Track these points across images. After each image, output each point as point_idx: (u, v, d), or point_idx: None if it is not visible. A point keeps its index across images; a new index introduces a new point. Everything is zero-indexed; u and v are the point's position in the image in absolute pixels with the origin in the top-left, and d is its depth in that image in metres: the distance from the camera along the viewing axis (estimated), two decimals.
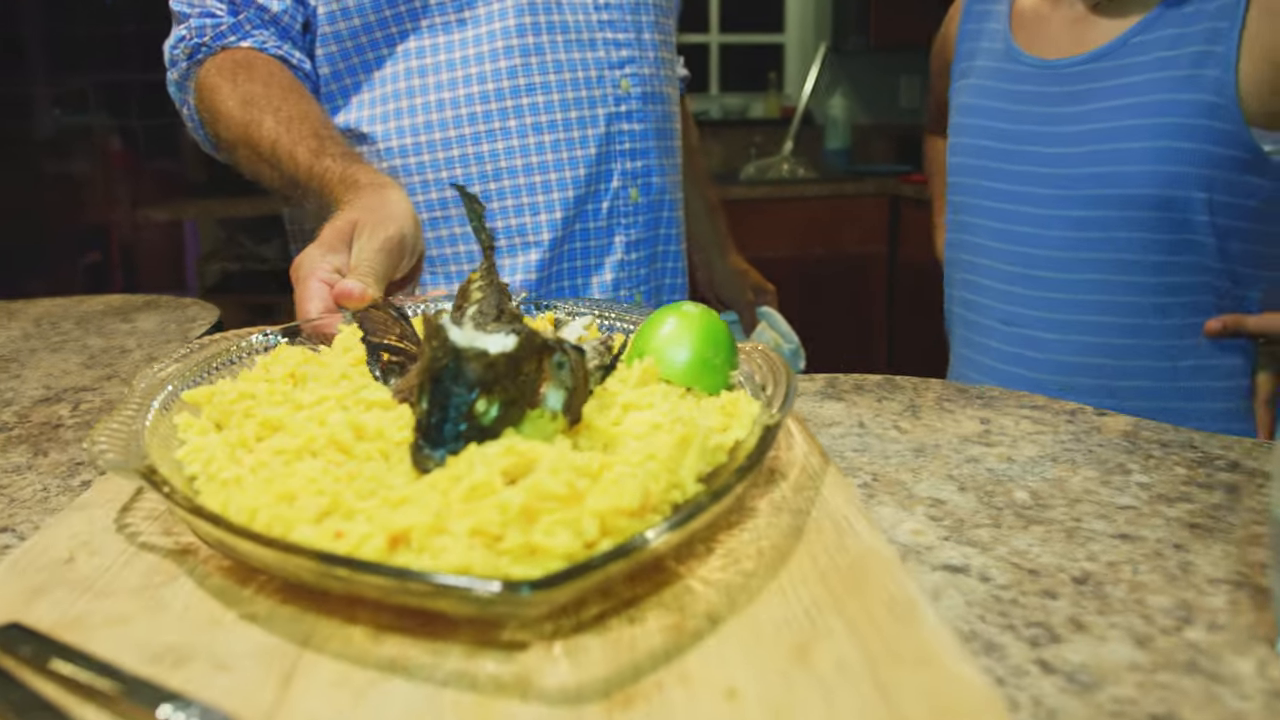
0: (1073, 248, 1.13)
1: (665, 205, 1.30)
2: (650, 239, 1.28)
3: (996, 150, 1.20)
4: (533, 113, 1.15)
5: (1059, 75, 1.14)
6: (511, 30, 1.13)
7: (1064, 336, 1.15)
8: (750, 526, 0.54)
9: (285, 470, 0.50)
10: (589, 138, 1.20)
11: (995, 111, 1.21)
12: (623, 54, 1.20)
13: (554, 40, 1.14)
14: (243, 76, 1.06)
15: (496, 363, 0.51)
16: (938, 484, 0.71)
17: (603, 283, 1.24)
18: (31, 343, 1.18)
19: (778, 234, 3.51)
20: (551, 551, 0.43)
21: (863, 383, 0.96)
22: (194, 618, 0.46)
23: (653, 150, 1.25)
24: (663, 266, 1.32)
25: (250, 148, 1.04)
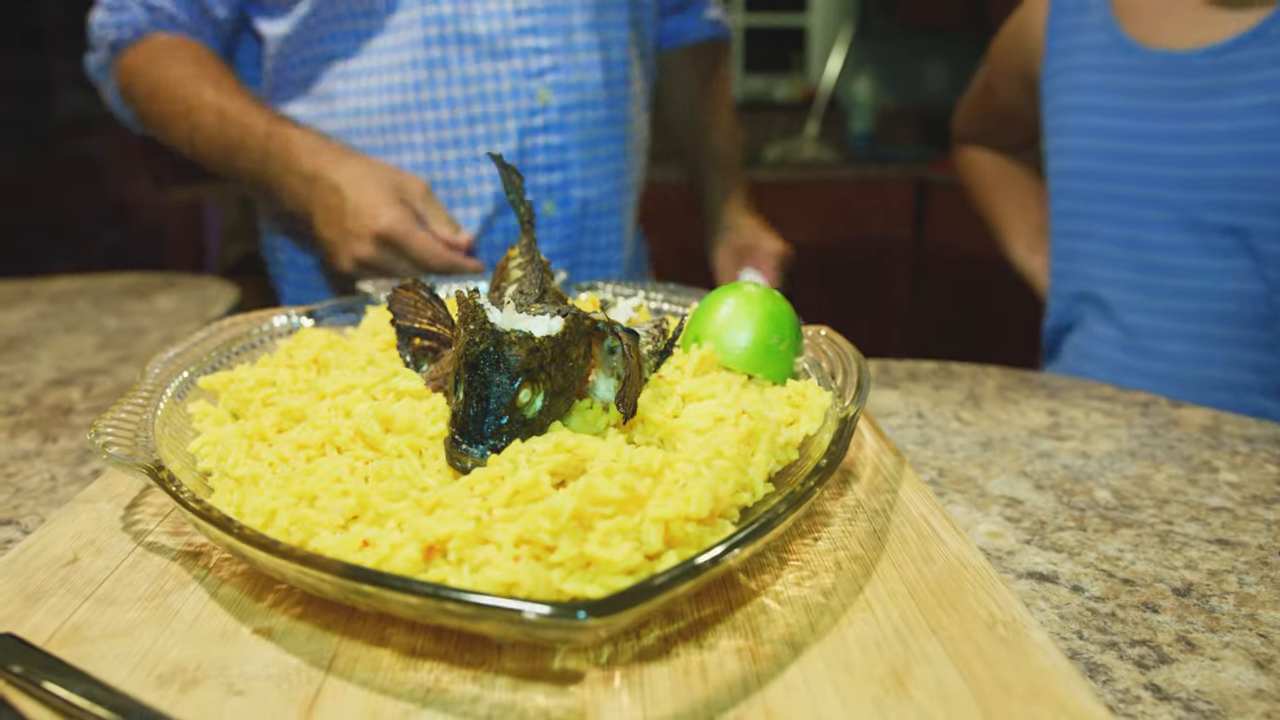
0: (1207, 255, 1.02)
1: (594, 217, 1.19)
2: (569, 252, 1.17)
3: (1118, 151, 1.09)
4: (437, 128, 1.09)
5: (1188, 68, 1.03)
6: (417, 42, 1.06)
7: (1195, 349, 1.05)
8: (825, 534, 0.49)
9: (306, 467, 0.45)
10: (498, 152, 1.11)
11: (1113, 109, 1.09)
12: (544, 61, 1.09)
13: (462, 53, 1.07)
14: (173, 58, 1.09)
15: (542, 347, 0.45)
16: (1011, 481, 0.65)
17: None
18: (47, 322, 1.13)
19: (801, 218, 3.44)
20: (610, 565, 0.37)
21: (916, 370, 0.90)
22: (204, 631, 0.41)
23: (575, 163, 1.14)
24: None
25: (189, 117, 1.06)
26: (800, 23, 4.09)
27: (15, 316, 1.15)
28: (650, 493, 0.40)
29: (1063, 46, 1.15)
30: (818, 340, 0.64)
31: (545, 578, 0.37)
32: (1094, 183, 1.11)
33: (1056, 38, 1.17)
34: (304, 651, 0.39)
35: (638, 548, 0.38)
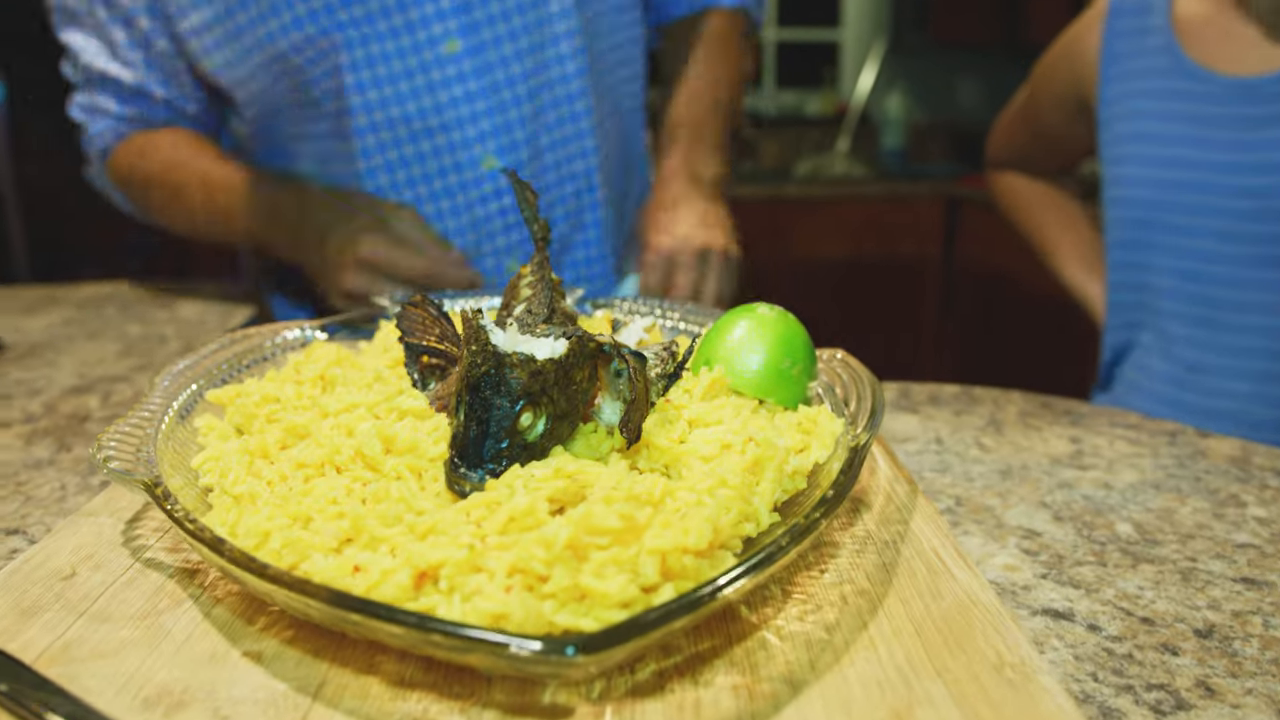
0: (1272, 291, 0.98)
1: (571, 249, 1.15)
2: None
3: (1178, 180, 1.04)
4: (400, 201, 1.06)
5: (1255, 94, 0.99)
6: (358, 130, 1.03)
7: (1257, 388, 1.00)
8: (832, 566, 0.47)
9: (303, 487, 0.45)
10: (454, 228, 1.08)
11: (1174, 137, 1.04)
12: (482, 126, 1.04)
13: (396, 134, 1.04)
14: (153, 150, 1.12)
15: (544, 370, 0.44)
16: (1029, 512, 0.64)
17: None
18: (71, 328, 1.14)
19: (830, 233, 3.42)
20: (604, 597, 0.36)
21: (938, 394, 0.88)
22: (194, 652, 0.40)
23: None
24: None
25: (180, 200, 1.09)
26: (833, 37, 4.08)
27: (40, 323, 1.16)
28: (649, 523, 0.39)
29: (1120, 72, 1.11)
30: (833, 364, 0.63)
31: (537, 610, 0.36)
32: (1153, 213, 1.07)
33: (1113, 63, 1.12)
34: (292, 677, 0.38)
35: (633, 580, 0.37)
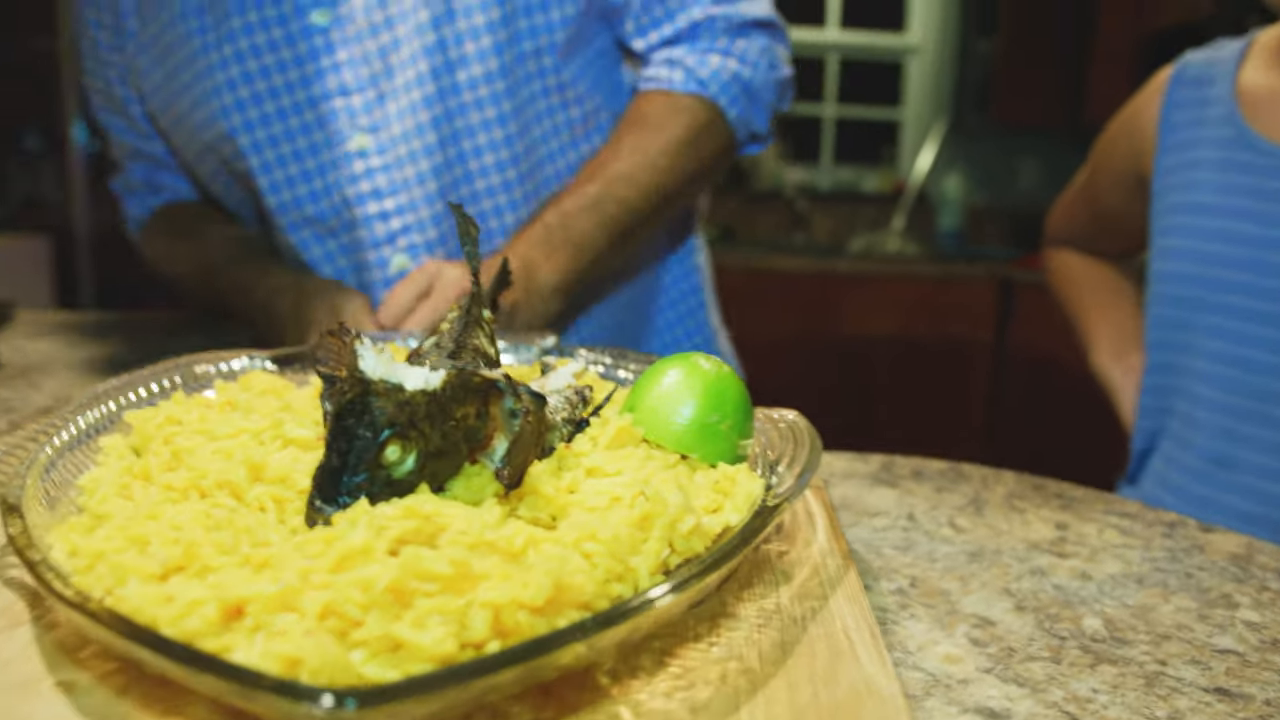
0: None
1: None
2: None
3: (1231, 256, 0.97)
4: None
5: None
6: (288, 226, 1.00)
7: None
8: (725, 640, 0.43)
9: (151, 510, 0.42)
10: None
11: (1230, 210, 0.98)
12: (392, 225, 0.97)
13: (327, 229, 1.00)
14: (177, 237, 1.13)
15: (414, 401, 0.42)
16: (990, 599, 0.58)
17: None
18: (69, 353, 1.15)
19: (880, 311, 3.37)
20: (418, 650, 0.33)
21: (923, 469, 0.83)
22: (7, 677, 0.38)
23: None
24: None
25: (195, 293, 1.13)
26: (893, 116, 4.07)
27: (44, 345, 1.17)
28: (487, 573, 0.35)
29: (1178, 141, 1.05)
30: (777, 425, 0.59)
31: (338, 657, 0.32)
32: (1200, 289, 1.00)
33: (1171, 132, 1.06)
34: (94, 712, 0.35)
35: (457, 633, 0.34)
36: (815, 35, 3.93)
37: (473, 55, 0.95)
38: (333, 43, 0.94)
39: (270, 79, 0.95)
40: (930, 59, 3.96)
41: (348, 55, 0.94)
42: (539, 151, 1.01)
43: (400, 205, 0.96)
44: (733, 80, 1.00)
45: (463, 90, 0.96)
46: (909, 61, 3.98)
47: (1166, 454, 1.05)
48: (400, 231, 0.97)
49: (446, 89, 0.95)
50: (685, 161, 0.99)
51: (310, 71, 0.95)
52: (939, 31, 3.93)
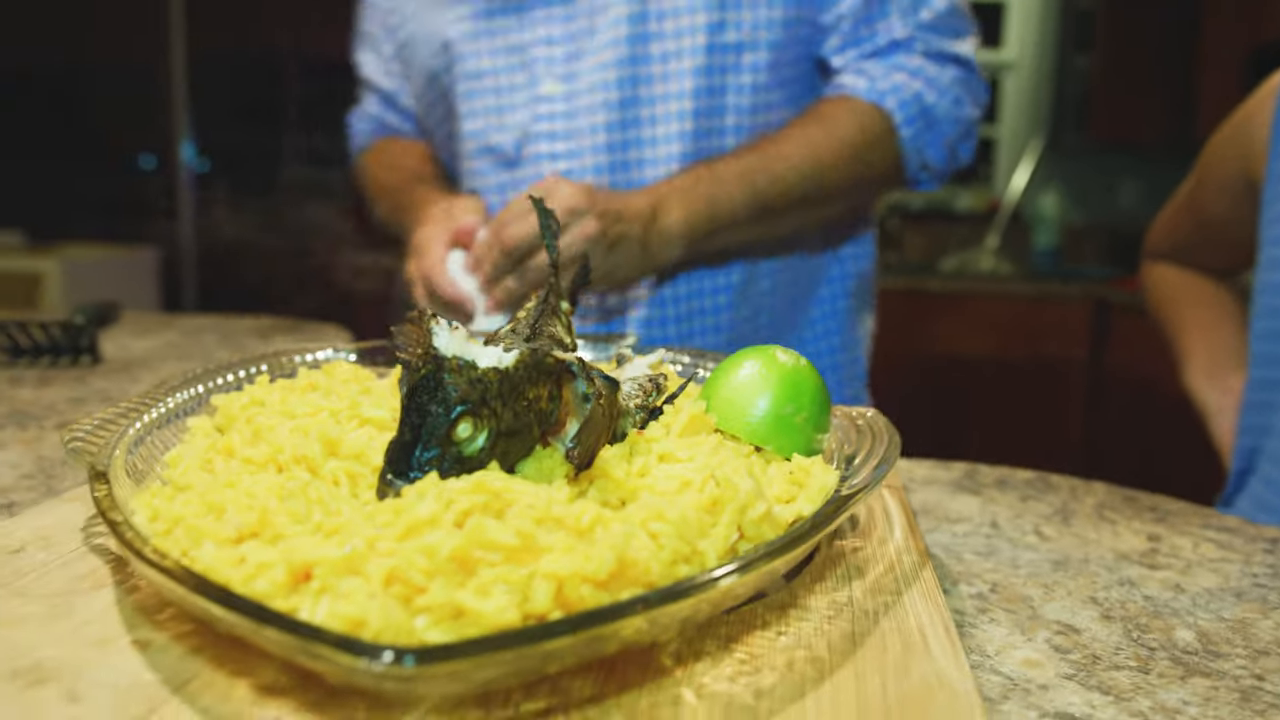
0: None
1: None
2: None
3: None
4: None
5: None
6: (471, 153, 1.11)
7: None
8: (795, 630, 0.42)
9: (229, 479, 0.43)
10: None
11: None
12: (559, 167, 1.04)
13: (501, 160, 1.09)
14: (385, 156, 1.27)
15: (486, 379, 0.42)
16: (1075, 607, 0.56)
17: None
18: (167, 350, 1.19)
19: (974, 331, 3.29)
20: (480, 617, 0.33)
21: (1009, 477, 0.80)
22: (88, 633, 0.39)
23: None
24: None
25: (379, 200, 1.25)
26: (988, 134, 3.99)
27: (146, 343, 1.22)
28: (551, 545, 0.35)
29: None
30: (855, 421, 0.58)
31: (401, 620, 0.32)
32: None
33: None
34: (165, 669, 0.36)
35: (520, 603, 0.33)
36: None
37: (670, 32, 1.00)
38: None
39: (491, 19, 1.06)
40: (1026, 75, 3.87)
41: (561, 10, 1.03)
42: (712, 142, 1.03)
43: (570, 150, 1.03)
44: (913, 100, 1.01)
45: (654, 62, 1.00)
46: (1004, 78, 3.90)
47: (1266, 475, 0.99)
48: (564, 174, 1.02)
49: (640, 57, 1.00)
50: (848, 163, 1.00)
51: (525, 19, 1.04)
52: (1035, 47, 3.84)
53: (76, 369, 1.05)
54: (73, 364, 1.07)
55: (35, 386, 0.96)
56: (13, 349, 1.07)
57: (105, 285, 3.43)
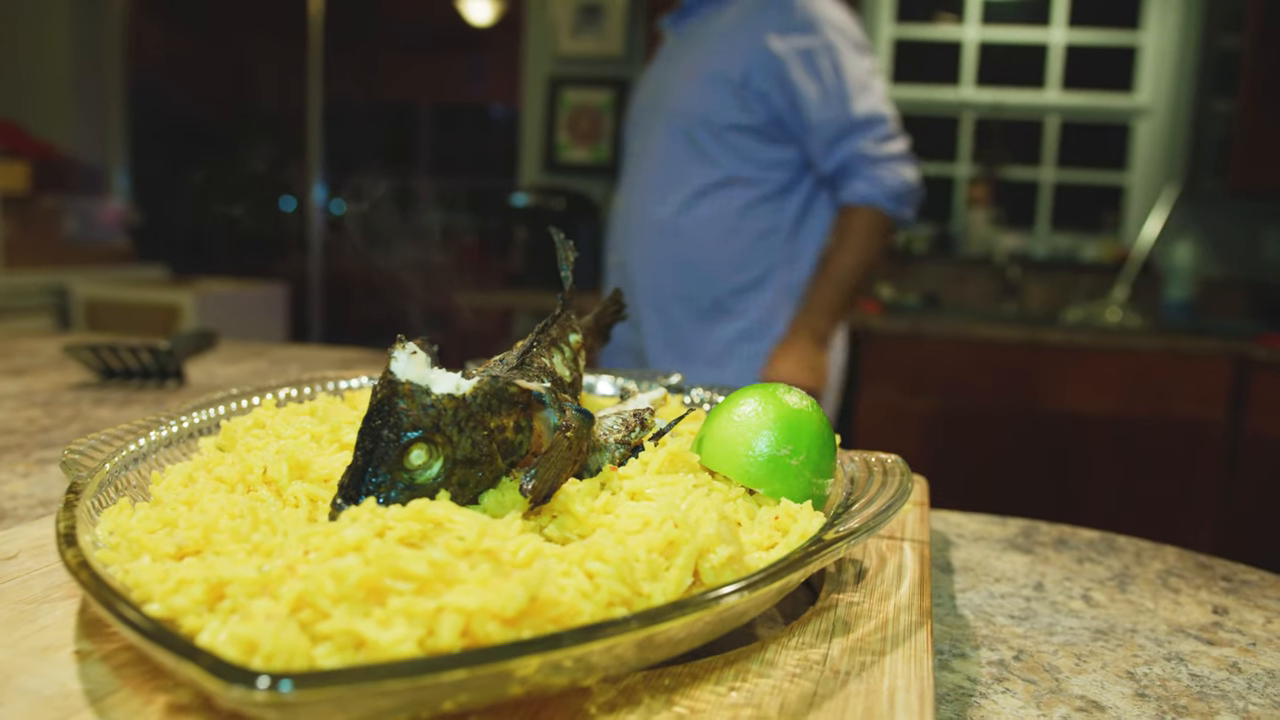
0: None
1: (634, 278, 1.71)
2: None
3: None
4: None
5: None
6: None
7: None
8: (748, 687, 0.39)
9: (195, 498, 0.43)
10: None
11: None
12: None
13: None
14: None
15: (440, 405, 0.41)
16: (1107, 681, 0.51)
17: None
18: (251, 378, 1.24)
19: (1096, 386, 3.12)
20: (378, 649, 0.31)
21: (1070, 537, 0.74)
22: (35, 640, 0.39)
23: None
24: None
25: None
26: (1118, 181, 3.82)
27: (232, 370, 1.27)
28: (468, 578, 0.34)
29: None
30: (872, 468, 0.55)
31: (296, 645, 0.31)
32: None
33: None
34: (93, 681, 0.36)
35: (424, 636, 0.32)
36: (1034, 97, 3.76)
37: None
38: (646, 100, 1.78)
39: (635, 108, 1.81)
40: (1161, 121, 3.69)
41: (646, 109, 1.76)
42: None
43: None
44: (879, 186, 1.61)
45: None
46: (1137, 123, 3.73)
47: None
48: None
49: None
50: (866, 249, 1.62)
51: (640, 106, 1.79)
52: (1171, 92, 3.67)
53: (160, 392, 1.10)
54: (158, 387, 1.12)
55: (116, 407, 1.01)
56: (105, 371, 1.12)
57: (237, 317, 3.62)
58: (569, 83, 3.79)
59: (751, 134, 1.61)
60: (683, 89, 1.64)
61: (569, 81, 3.79)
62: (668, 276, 1.67)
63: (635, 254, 1.71)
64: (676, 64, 1.69)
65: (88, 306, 3.39)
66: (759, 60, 1.57)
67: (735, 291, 1.66)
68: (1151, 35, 3.65)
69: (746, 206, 1.64)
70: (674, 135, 1.65)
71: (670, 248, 1.66)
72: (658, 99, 1.71)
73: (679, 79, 1.66)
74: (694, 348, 1.69)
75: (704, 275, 1.65)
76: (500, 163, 4.23)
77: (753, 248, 1.64)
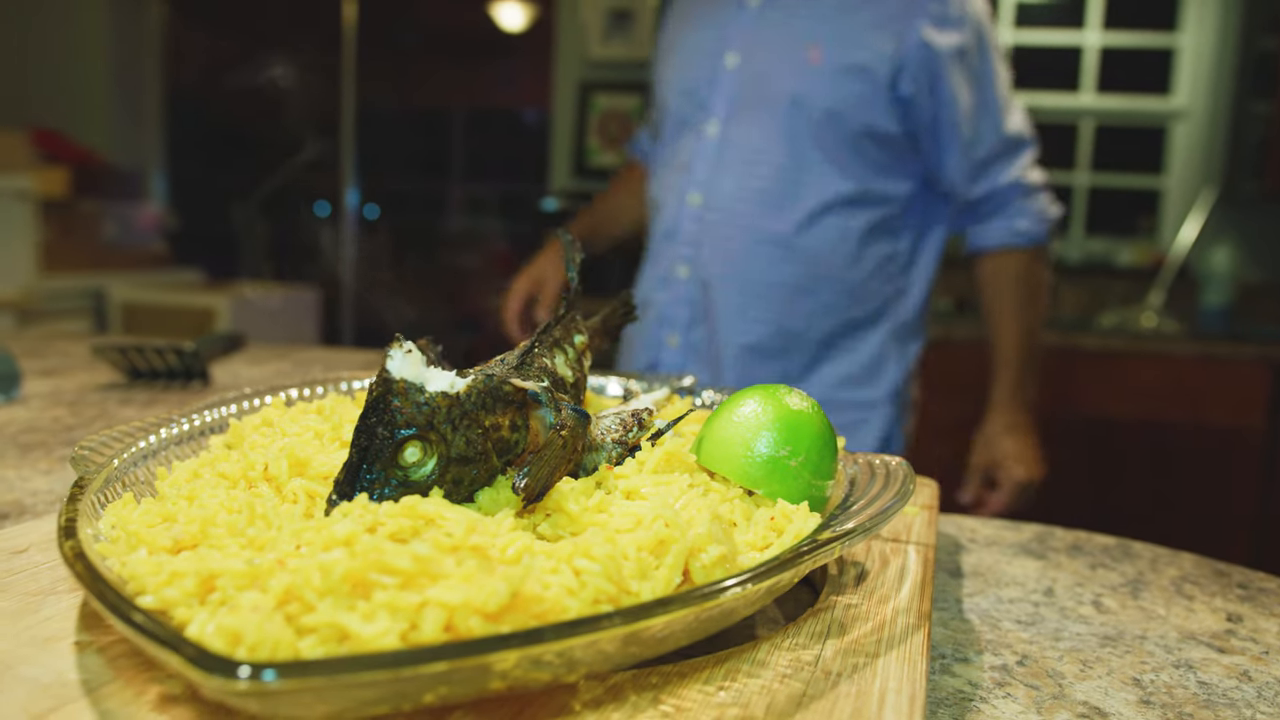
0: None
1: (724, 305, 1.39)
2: (690, 323, 1.41)
3: None
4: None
5: None
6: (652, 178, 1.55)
7: None
8: (737, 686, 0.39)
9: (196, 493, 0.44)
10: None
11: None
12: (698, 175, 1.43)
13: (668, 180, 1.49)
14: (616, 177, 1.77)
15: (433, 403, 0.41)
16: (1111, 688, 0.50)
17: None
18: (275, 379, 1.25)
19: (1130, 393, 3.07)
20: (361, 643, 0.32)
21: (1084, 543, 0.74)
22: (39, 631, 0.40)
23: (710, 251, 1.39)
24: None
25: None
26: (1154, 185, 3.77)
27: (257, 372, 1.29)
28: (450, 572, 0.34)
29: None
30: (877, 469, 0.54)
31: (282, 638, 0.32)
32: None
33: None
34: (90, 670, 0.37)
35: (405, 630, 0.32)
36: (1068, 101, 3.72)
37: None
38: (727, 68, 1.39)
39: (695, 68, 1.43)
40: (1198, 124, 3.64)
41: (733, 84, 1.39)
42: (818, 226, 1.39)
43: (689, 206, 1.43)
44: (1042, 220, 1.44)
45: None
46: (1173, 126, 3.68)
47: None
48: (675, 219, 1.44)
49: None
50: (1047, 296, 1.49)
51: (716, 74, 1.40)
52: (1209, 95, 3.61)
53: (185, 393, 1.11)
54: (184, 388, 1.14)
55: (140, 407, 1.03)
56: (131, 371, 1.14)
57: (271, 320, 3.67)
58: (599, 87, 3.81)
59: (886, 144, 1.35)
60: (808, 77, 1.32)
61: (599, 86, 3.81)
62: (774, 304, 1.37)
63: (728, 270, 1.37)
64: (776, 36, 1.36)
65: (124, 309, 3.45)
66: (913, 57, 1.29)
67: (848, 328, 1.40)
68: (1189, 37, 3.60)
69: (869, 230, 1.37)
70: (797, 131, 1.33)
71: (783, 269, 1.36)
72: (758, 78, 1.36)
73: (796, 62, 1.33)
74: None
75: (818, 306, 1.38)
76: (531, 167, 4.25)
77: (871, 279, 1.39)
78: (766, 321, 1.37)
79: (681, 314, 1.41)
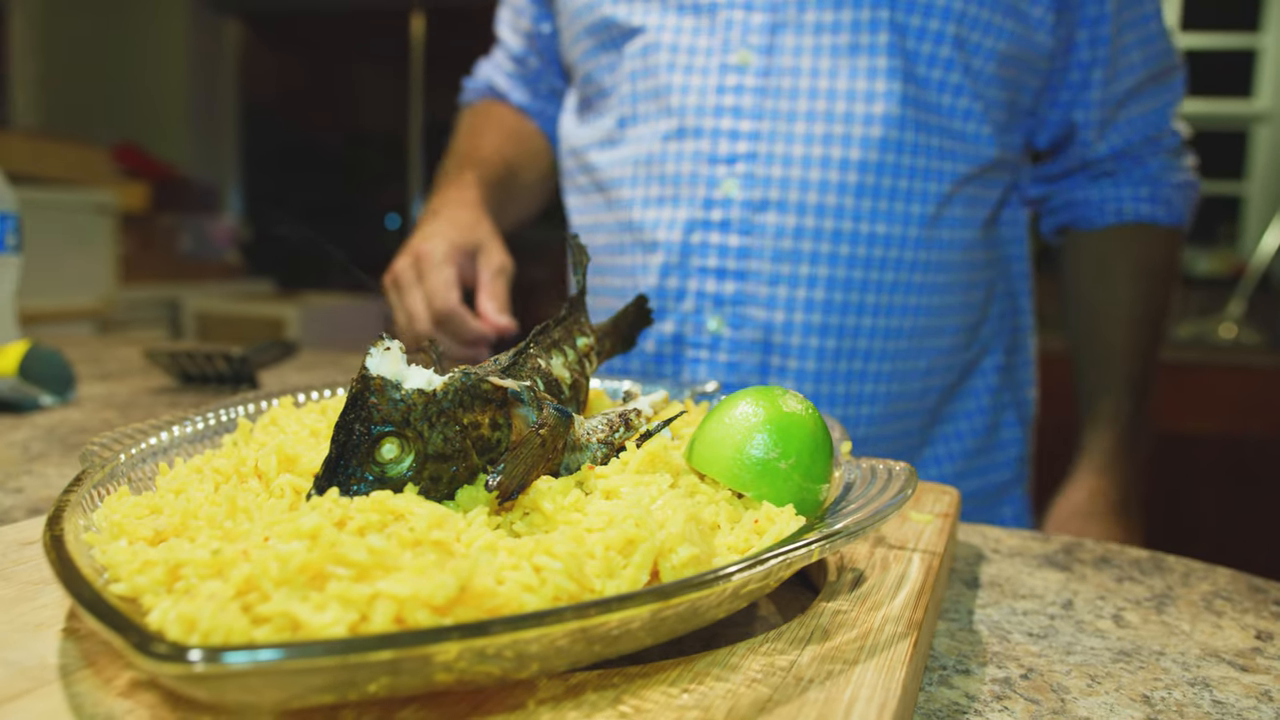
0: None
1: (786, 352, 0.93)
2: (738, 385, 0.93)
3: None
4: (627, 206, 1.00)
5: None
6: (627, 119, 1.01)
7: None
8: (703, 690, 0.38)
9: (185, 486, 0.45)
10: (662, 242, 0.97)
11: None
12: (739, 148, 0.91)
13: (654, 128, 0.97)
14: (475, 119, 1.26)
15: (410, 400, 0.42)
16: (1118, 705, 0.48)
17: None
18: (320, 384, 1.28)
19: (1207, 406, 2.97)
20: (310, 630, 0.32)
21: (1114, 555, 0.71)
22: (32, 617, 0.42)
23: (757, 275, 0.92)
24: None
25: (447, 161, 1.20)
26: (1234, 190, 3.64)
27: (303, 379, 1.32)
28: (408, 565, 0.34)
29: None
30: (879, 473, 0.53)
31: (236, 626, 0.33)
32: None
33: None
34: (72, 656, 0.38)
35: (355, 622, 0.33)
36: None
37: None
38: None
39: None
40: None
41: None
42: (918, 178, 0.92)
43: (749, 131, 0.92)
44: (1176, 193, 1.06)
45: (860, 54, 0.90)
46: (1255, 130, 3.55)
47: None
48: (741, 156, 0.92)
49: (842, 47, 0.90)
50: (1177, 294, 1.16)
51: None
52: None
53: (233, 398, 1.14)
54: (232, 393, 1.17)
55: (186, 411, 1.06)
56: (183, 376, 1.18)
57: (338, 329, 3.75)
58: None
59: (1024, 80, 0.96)
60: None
61: None
62: (891, 353, 0.95)
63: (804, 309, 0.93)
64: None
65: (198, 319, 3.56)
66: None
67: (963, 372, 1.03)
68: (1271, 38, 3.47)
69: (991, 218, 0.99)
70: (903, 65, 0.89)
71: (903, 298, 0.94)
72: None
73: None
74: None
75: (940, 348, 0.99)
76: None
77: (974, 290, 1.00)
78: (881, 381, 0.99)
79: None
